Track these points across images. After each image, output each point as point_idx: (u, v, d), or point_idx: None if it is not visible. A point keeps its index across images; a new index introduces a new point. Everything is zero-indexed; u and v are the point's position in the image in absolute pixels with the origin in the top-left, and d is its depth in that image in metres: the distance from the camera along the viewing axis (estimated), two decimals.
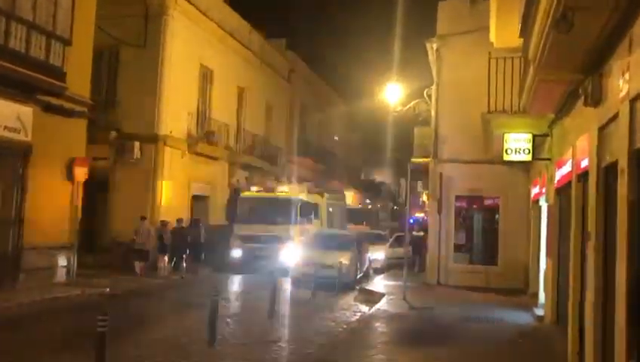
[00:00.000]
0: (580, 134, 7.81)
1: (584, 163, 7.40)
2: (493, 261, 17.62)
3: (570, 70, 6.98)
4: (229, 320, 11.13)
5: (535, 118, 11.66)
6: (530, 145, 11.33)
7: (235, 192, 23.12)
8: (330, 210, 24.33)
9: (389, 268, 22.29)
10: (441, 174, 17.73)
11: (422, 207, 59.86)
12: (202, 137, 21.92)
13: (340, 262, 16.02)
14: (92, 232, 19.55)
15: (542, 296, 12.79)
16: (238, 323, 10.98)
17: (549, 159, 11.52)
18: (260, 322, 11.10)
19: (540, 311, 12.07)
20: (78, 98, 15.20)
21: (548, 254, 11.30)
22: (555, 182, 10.35)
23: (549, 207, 11.48)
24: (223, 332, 9.74)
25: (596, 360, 6.54)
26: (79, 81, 15.27)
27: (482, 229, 18.08)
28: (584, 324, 7.34)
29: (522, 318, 12.25)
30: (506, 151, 11.47)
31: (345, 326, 11.14)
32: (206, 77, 22.75)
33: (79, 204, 15.69)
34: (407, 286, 14.73)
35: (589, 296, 6.82)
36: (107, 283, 14.97)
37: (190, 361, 8.11)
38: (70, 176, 15.22)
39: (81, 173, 15.43)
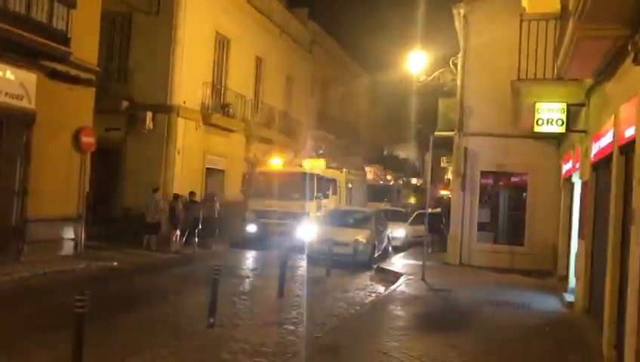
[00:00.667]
0: (624, 100, 6.84)
1: (629, 132, 6.45)
2: (519, 241, 16.67)
3: (618, 23, 6.01)
4: (235, 299, 10.51)
5: (570, 85, 10.62)
6: (564, 116, 10.29)
7: (251, 166, 22.47)
8: (350, 186, 23.54)
9: (409, 246, 21.48)
10: (465, 148, 16.75)
11: (447, 184, 58.87)
12: (218, 108, 21.21)
13: (357, 240, 15.28)
14: (104, 204, 19.16)
15: (572, 280, 11.88)
16: (245, 303, 10.36)
17: (584, 131, 10.50)
18: (269, 302, 10.47)
19: (570, 297, 11.17)
20: (84, 65, 14.54)
21: (581, 235, 10.36)
22: (592, 156, 9.37)
23: (583, 184, 10.51)
24: (227, 313, 9.13)
25: (639, 357, 5.69)
26: (86, 47, 14.61)
27: (508, 207, 17.09)
28: (623, 315, 6.47)
29: (550, 304, 11.37)
30: (537, 122, 10.45)
31: (358, 308, 10.44)
32: (222, 46, 21.94)
33: (87, 175, 15.19)
34: (426, 265, 13.93)
35: (633, 283, 5.95)
36: (116, 257, 14.51)
37: (183, 343, 7.47)
38: (78, 146, 14.68)
39: (88, 143, 14.89)
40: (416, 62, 18.03)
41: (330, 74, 33.41)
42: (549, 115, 10.31)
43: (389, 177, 33.12)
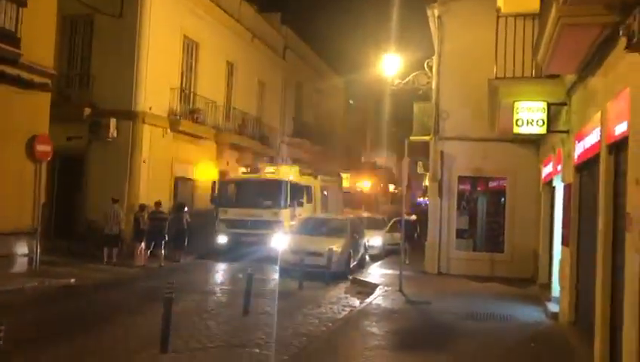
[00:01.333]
0: (612, 95, 6.26)
1: (620, 128, 5.86)
2: (499, 248, 16.13)
3: (606, 8, 5.42)
4: (196, 318, 9.69)
5: (551, 83, 10.10)
6: (544, 116, 9.71)
7: (222, 174, 21.65)
8: (325, 193, 22.84)
9: (386, 254, 20.83)
10: (442, 153, 16.18)
11: (424, 191, 58.55)
12: (186, 115, 20.37)
13: (331, 250, 14.56)
14: (66, 216, 18.19)
15: (555, 289, 11.30)
16: (207, 323, 9.53)
17: (566, 131, 9.95)
18: (233, 321, 9.67)
19: (554, 307, 10.58)
20: (39, 68, 13.67)
21: (565, 242, 9.77)
22: (575, 157, 8.81)
23: (566, 187, 9.94)
24: (185, 335, 8.32)
25: None
26: (40, 49, 13.75)
27: (487, 213, 16.55)
28: (616, 331, 5.85)
29: (533, 315, 10.75)
30: (517, 122, 9.86)
31: (330, 325, 9.68)
32: (190, 50, 21.13)
33: (43, 185, 14.25)
34: (403, 275, 13.26)
35: (630, 296, 5.32)
36: (74, 273, 13.57)
37: None
38: (32, 154, 13.75)
39: (43, 152, 13.96)
40: (390, 65, 17.42)
41: (303, 79, 32.76)
42: (529, 114, 9.73)
43: (365, 183, 32.42)
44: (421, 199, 50.70)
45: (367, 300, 11.88)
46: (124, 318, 9.72)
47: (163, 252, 16.75)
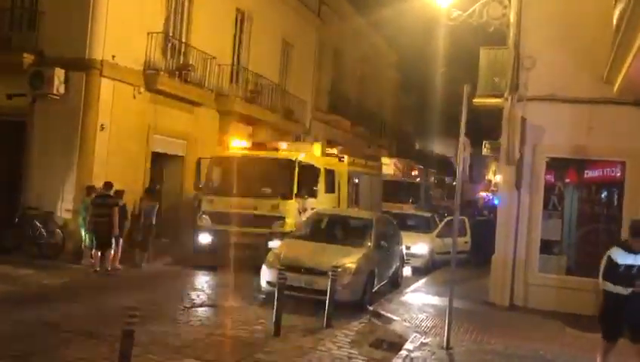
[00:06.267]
0: None
1: None
2: None
3: None
4: None
5: None
6: None
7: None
8: (356, 180, 17.40)
9: (435, 266, 15.26)
10: (523, 120, 10.46)
11: (487, 185, 51.49)
12: (172, 71, 15.43)
13: (339, 268, 9.17)
14: (10, 201, 13.69)
15: None
16: None
17: None
18: None
19: None
20: None
21: None
22: None
23: None
24: None
25: None
26: None
27: (591, 216, 10.73)
28: None
29: None
30: None
31: None
32: None
33: None
34: (456, 309, 7.79)
35: None
36: None
37: None
38: None
39: None
40: None
41: (345, 46, 27.27)
42: None
43: (414, 173, 26.69)
44: (485, 194, 44.25)
45: None
46: None
47: (112, 252, 11.95)
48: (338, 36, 26.20)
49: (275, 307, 7.92)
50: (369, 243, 10.58)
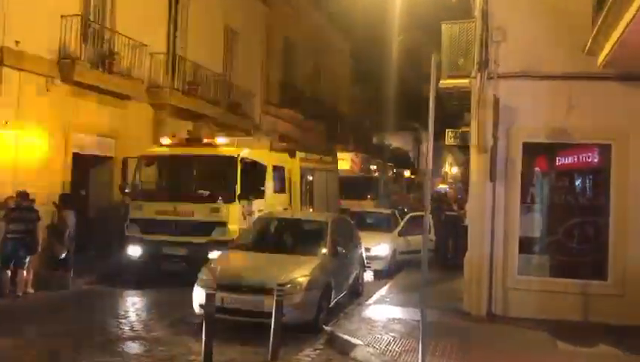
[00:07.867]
0: None
1: None
2: (597, 271, 9.03)
3: None
4: None
5: None
6: None
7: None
8: (310, 178, 15.79)
9: (399, 268, 13.81)
10: (496, 100, 9.05)
11: (444, 178, 50.57)
12: (96, 60, 13.48)
13: (291, 283, 7.54)
14: None
15: None
16: None
17: None
18: None
19: None
20: None
21: None
22: None
23: None
24: None
25: None
26: None
27: (575, 209, 9.38)
28: None
29: None
30: None
31: None
32: None
33: None
34: (429, 323, 6.27)
35: None
36: None
37: None
38: None
39: None
40: None
41: (296, 36, 25.59)
42: None
43: (372, 167, 25.26)
44: (441, 187, 43.28)
45: None
46: None
47: (24, 273, 10.04)
48: (288, 25, 24.50)
49: (203, 341, 6.22)
50: (324, 251, 8.98)
